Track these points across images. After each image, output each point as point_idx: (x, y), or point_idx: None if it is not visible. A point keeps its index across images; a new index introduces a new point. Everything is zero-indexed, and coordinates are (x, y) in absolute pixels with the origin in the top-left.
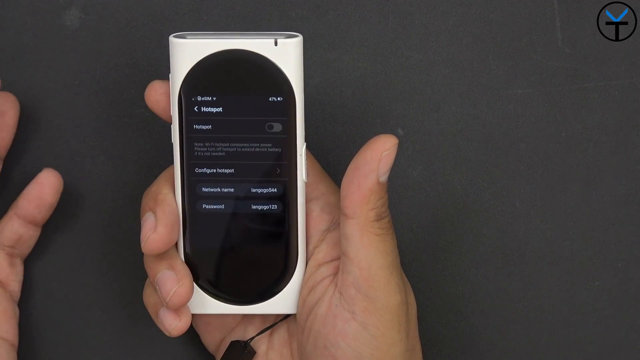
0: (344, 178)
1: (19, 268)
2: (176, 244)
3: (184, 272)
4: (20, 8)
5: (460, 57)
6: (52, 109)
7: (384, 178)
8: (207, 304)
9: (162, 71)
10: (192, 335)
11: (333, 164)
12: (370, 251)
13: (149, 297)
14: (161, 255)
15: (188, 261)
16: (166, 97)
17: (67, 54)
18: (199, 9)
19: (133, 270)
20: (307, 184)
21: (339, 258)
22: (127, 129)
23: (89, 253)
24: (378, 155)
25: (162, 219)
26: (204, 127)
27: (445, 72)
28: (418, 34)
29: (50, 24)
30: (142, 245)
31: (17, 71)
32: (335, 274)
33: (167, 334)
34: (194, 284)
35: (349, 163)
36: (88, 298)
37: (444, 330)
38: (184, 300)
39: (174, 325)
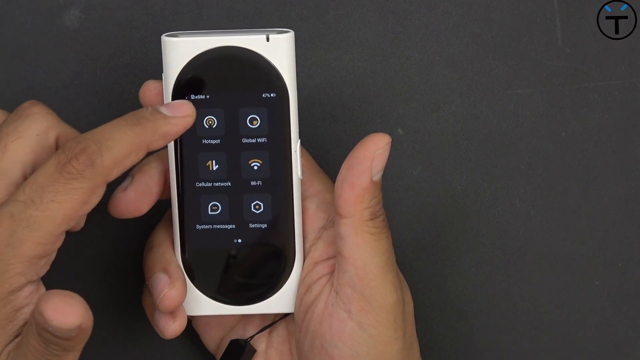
0: (337, 178)
1: None
2: (173, 246)
3: (177, 275)
4: (20, 8)
5: (460, 57)
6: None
7: (377, 177)
8: (205, 305)
9: (162, 71)
10: (192, 334)
11: (333, 164)
12: (365, 250)
13: (146, 299)
14: (157, 258)
15: (185, 262)
16: (160, 96)
17: (67, 54)
18: (199, 9)
19: (133, 270)
20: (302, 182)
21: (336, 256)
22: None
23: (88, 253)
24: (371, 154)
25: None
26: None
27: (445, 72)
28: (418, 34)
29: (50, 24)
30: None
31: (17, 71)
32: (332, 272)
33: (162, 335)
34: (192, 285)
35: None
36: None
37: (444, 330)
38: (175, 303)
39: (167, 327)
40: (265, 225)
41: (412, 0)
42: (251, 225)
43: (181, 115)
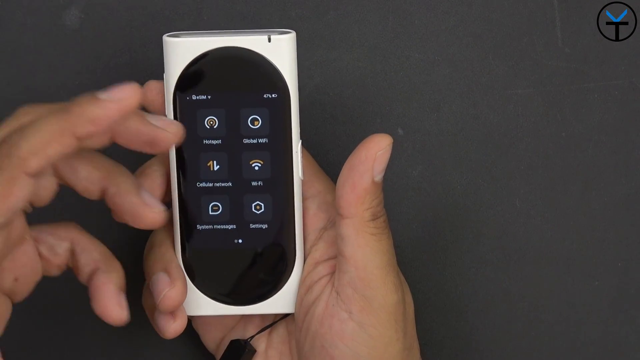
0: (338, 178)
1: None
2: (174, 246)
3: (177, 275)
4: (20, 8)
5: (460, 57)
6: None
7: (379, 177)
8: (205, 305)
9: (162, 71)
10: (192, 334)
11: (333, 164)
12: (366, 251)
13: (146, 299)
14: (158, 258)
15: (185, 262)
16: (161, 96)
17: (67, 54)
18: (199, 9)
19: (133, 269)
20: (303, 182)
21: (336, 256)
22: None
23: None
24: (373, 155)
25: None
26: (198, 126)
27: (445, 72)
28: (418, 34)
29: (50, 24)
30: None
31: (17, 71)
32: (333, 272)
33: (162, 335)
34: (192, 285)
35: None
36: (87, 298)
37: (444, 330)
38: (175, 303)
39: (167, 327)
40: (266, 226)
41: (412, 0)
42: (252, 226)
43: (117, 98)
